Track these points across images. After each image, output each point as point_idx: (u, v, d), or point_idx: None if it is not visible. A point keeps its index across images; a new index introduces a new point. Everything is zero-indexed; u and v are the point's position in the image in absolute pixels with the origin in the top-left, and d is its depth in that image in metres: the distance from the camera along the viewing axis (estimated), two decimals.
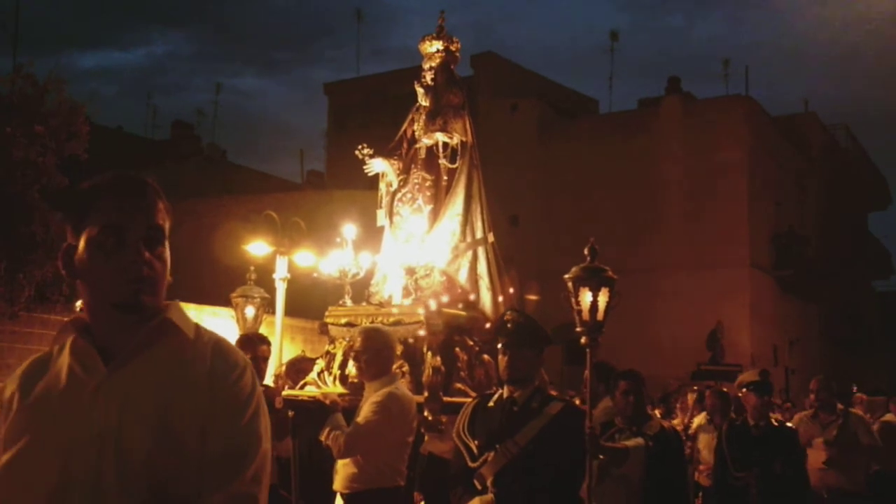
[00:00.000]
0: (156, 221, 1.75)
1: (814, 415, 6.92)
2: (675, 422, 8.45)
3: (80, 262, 1.73)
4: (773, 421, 5.95)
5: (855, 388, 12.26)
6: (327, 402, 4.97)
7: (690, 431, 8.16)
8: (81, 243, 1.72)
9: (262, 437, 1.73)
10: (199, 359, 1.73)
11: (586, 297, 4.44)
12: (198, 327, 1.81)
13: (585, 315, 4.45)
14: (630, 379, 5.01)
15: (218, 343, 1.79)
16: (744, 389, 5.96)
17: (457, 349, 6.48)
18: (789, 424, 6.36)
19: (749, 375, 6.07)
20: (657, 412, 8.52)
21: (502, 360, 3.96)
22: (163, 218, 1.78)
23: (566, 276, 4.52)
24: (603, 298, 4.46)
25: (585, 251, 4.53)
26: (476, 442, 3.90)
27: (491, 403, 4.01)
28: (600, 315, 4.47)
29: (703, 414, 8.31)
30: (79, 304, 5.98)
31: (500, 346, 4.00)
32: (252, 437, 1.71)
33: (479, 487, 3.80)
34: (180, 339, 1.75)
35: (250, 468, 1.68)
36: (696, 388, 8.39)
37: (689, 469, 7.15)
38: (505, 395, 3.97)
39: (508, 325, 4.00)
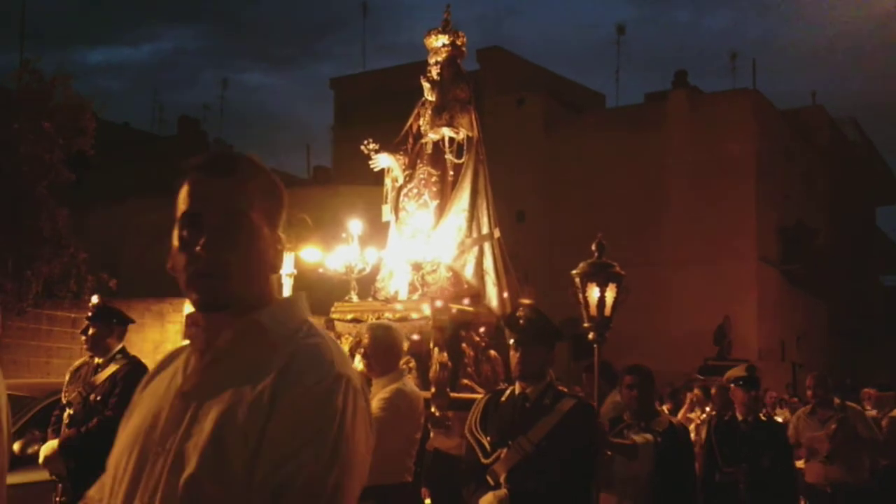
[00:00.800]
0: (238, 206, 1.51)
1: (811, 411, 6.97)
2: (693, 415, 8.41)
3: (171, 255, 1.54)
4: (761, 416, 6.00)
5: (848, 381, 12.26)
6: None
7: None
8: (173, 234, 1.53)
9: (319, 471, 1.38)
10: (273, 367, 1.46)
11: (594, 292, 4.41)
12: (300, 329, 1.55)
13: (593, 311, 4.42)
14: (634, 373, 4.98)
15: (303, 349, 1.50)
16: (731, 385, 5.97)
17: (463, 345, 6.47)
18: (778, 419, 6.39)
19: (737, 371, 6.07)
20: (665, 408, 8.50)
21: (514, 356, 3.95)
22: (251, 202, 1.52)
23: (574, 271, 4.49)
24: (610, 294, 4.43)
25: (593, 246, 4.50)
26: (488, 438, 3.89)
27: (503, 399, 4.00)
28: (608, 311, 4.44)
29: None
30: (95, 298, 5.97)
31: (512, 342, 3.99)
32: (305, 465, 1.37)
33: (492, 483, 3.80)
34: (265, 344, 1.49)
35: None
36: (717, 383, 8.37)
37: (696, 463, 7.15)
38: (517, 392, 3.96)
39: (520, 322, 3.99)
